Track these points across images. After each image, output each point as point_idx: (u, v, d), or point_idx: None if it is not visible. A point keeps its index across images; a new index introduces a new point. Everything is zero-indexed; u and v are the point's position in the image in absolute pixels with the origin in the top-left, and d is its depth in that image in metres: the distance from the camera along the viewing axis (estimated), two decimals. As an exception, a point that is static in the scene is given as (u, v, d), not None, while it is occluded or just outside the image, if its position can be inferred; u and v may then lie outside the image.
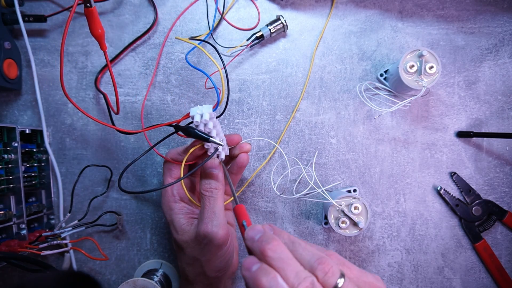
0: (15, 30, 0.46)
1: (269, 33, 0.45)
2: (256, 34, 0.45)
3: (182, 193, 0.40)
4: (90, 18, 0.31)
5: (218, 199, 0.36)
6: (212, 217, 0.36)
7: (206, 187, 0.36)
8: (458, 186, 0.46)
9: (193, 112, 0.34)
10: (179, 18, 0.46)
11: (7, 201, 0.40)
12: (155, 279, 0.43)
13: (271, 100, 0.47)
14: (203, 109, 0.34)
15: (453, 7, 0.46)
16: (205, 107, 0.34)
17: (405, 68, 0.41)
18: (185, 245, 0.38)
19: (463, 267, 0.46)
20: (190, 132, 0.34)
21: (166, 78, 0.47)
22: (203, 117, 0.34)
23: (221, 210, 0.36)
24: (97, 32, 0.31)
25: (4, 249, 0.38)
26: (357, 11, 0.47)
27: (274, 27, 0.45)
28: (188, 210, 0.40)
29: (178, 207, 0.39)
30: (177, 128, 0.35)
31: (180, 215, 0.39)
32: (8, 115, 0.46)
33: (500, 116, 0.46)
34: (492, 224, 0.45)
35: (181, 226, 0.38)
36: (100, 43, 0.33)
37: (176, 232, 0.39)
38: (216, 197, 0.36)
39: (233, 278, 0.47)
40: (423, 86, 0.40)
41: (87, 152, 0.47)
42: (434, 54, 0.40)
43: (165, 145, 0.47)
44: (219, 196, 0.36)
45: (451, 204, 0.46)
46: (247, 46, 0.45)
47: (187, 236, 0.38)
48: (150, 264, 0.46)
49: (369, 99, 0.45)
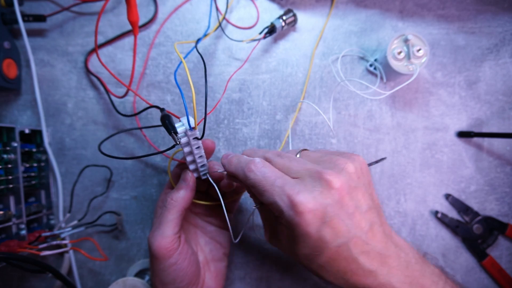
0: (15, 29, 0.46)
1: (281, 25, 0.44)
2: (269, 27, 0.44)
3: None
4: (129, 6, 0.35)
5: (168, 210, 0.35)
6: (155, 227, 0.35)
7: (167, 195, 0.36)
8: (454, 207, 0.46)
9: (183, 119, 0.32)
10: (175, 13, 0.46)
11: (7, 201, 0.40)
12: (146, 279, 0.43)
13: (271, 100, 0.47)
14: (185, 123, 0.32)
15: (454, 7, 0.46)
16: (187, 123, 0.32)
17: (393, 55, 0.41)
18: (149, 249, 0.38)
19: (463, 267, 0.46)
20: (162, 118, 0.32)
21: (166, 78, 0.46)
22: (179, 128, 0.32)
23: (168, 223, 0.35)
24: (133, 18, 0.36)
25: (4, 249, 0.38)
26: (358, 11, 0.47)
27: (286, 20, 0.44)
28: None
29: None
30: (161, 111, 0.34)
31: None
32: (8, 115, 0.46)
33: (501, 116, 0.46)
34: (495, 239, 0.45)
35: None
36: (134, 29, 0.37)
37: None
38: (168, 208, 0.35)
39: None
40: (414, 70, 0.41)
41: (87, 152, 0.47)
42: (420, 36, 0.41)
43: (165, 145, 0.47)
44: (172, 208, 0.35)
45: (451, 226, 0.45)
46: (261, 38, 0.44)
47: None
48: (142, 263, 0.46)
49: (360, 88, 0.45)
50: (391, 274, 0.29)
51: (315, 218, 0.27)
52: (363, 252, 0.29)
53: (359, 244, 0.28)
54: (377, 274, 0.29)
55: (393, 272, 0.29)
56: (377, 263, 0.29)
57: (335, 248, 0.28)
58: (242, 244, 0.47)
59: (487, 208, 0.46)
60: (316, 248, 0.28)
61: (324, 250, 0.28)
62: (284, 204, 0.28)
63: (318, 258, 0.29)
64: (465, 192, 0.46)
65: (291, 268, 0.46)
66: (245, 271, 0.47)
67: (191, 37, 0.47)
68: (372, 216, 0.30)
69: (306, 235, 0.28)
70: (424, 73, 0.46)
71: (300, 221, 0.27)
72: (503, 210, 0.46)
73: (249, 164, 0.31)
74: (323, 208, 0.28)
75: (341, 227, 0.28)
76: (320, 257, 0.29)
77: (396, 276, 0.29)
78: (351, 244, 0.28)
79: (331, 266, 0.29)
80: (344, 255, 0.28)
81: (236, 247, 0.47)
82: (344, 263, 0.29)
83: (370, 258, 0.29)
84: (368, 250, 0.29)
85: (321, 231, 0.28)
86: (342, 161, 0.30)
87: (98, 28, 0.47)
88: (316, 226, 0.28)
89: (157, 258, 0.34)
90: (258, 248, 0.47)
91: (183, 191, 0.36)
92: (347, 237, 0.28)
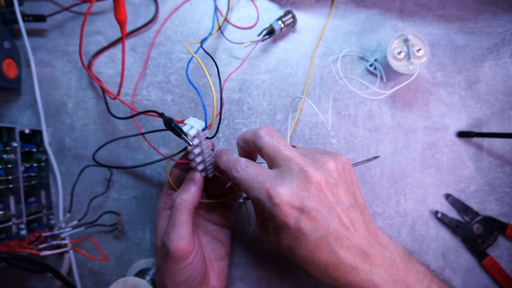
0: (15, 29, 0.46)
1: (280, 27, 0.44)
2: (268, 28, 0.44)
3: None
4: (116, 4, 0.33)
5: (180, 211, 0.35)
6: (170, 229, 0.35)
7: (174, 197, 0.36)
8: (454, 207, 0.46)
9: (188, 121, 0.33)
10: (175, 12, 0.46)
11: (7, 201, 0.40)
12: (147, 278, 0.44)
13: (271, 100, 0.47)
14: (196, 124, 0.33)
15: (454, 7, 0.46)
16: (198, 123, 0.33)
17: (393, 55, 0.41)
18: (156, 251, 0.38)
19: (463, 267, 0.46)
20: (166, 122, 0.33)
21: (166, 78, 0.46)
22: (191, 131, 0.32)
23: (182, 224, 0.35)
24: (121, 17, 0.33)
25: (4, 249, 0.38)
26: (358, 11, 0.47)
27: (285, 21, 0.44)
28: None
29: (164, 214, 0.40)
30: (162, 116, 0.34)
31: (163, 221, 0.39)
32: (8, 115, 0.46)
33: (501, 116, 0.46)
34: (495, 239, 0.45)
35: (159, 231, 0.39)
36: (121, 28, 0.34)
37: (155, 236, 0.39)
38: (179, 209, 0.35)
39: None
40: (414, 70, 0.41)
41: (87, 152, 0.46)
42: (420, 36, 0.41)
43: (165, 145, 0.47)
44: (183, 209, 0.35)
45: (451, 226, 0.45)
46: (259, 41, 0.44)
47: (158, 241, 0.38)
48: (142, 263, 0.46)
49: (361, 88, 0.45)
50: (374, 271, 0.29)
51: (292, 209, 0.29)
52: (343, 247, 0.29)
53: (340, 239, 0.29)
54: (359, 270, 0.29)
55: (376, 269, 0.29)
56: (359, 260, 0.29)
57: (314, 240, 0.29)
58: (242, 244, 0.47)
59: (487, 208, 0.46)
60: (296, 239, 0.29)
61: (303, 242, 0.29)
62: (264, 197, 0.30)
63: (298, 250, 0.30)
64: (465, 192, 0.46)
65: (291, 268, 0.46)
66: (245, 271, 0.47)
67: (191, 37, 0.47)
68: (354, 213, 0.31)
69: (285, 225, 0.29)
70: (424, 73, 0.46)
71: (278, 212, 0.29)
72: (503, 210, 0.46)
73: (235, 165, 0.33)
74: (300, 200, 0.29)
75: (320, 220, 0.29)
76: (301, 250, 0.30)
77: (379, 274, 0.29)
78: (331, 238, 0.29)
79: (312, 259, 0.30)
80: (324, 249, 0.29)
81: (236, 247, 0.47)
82: (325, 256, 0.29)
83: (351, 254, 0.29)
84: (349, 245, 0.29)
85: (300, 223, 0.29)
86: (324, 158, 0.32)
87: (97, 29, 0.47)
88: (294, 217, 0.29)
89: (174, 260, 0.35)
90: (258, 248, 0.47)
91: (193, 191, 0.36)
92: (326, 230, 0.29)
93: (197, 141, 0.33)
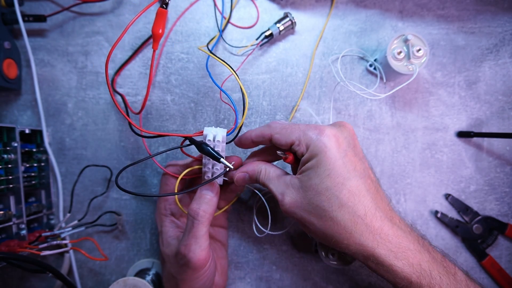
0: (15, 30, 0.46)
1: (278, 31, 0.45)
2: (266, 33, 0.44)
3: (173, 208, 0.41)
4: (158, 18, 0.34)
5: (203, 223, 0.35)
6: (192, 241, 0.34)
7: (195, 208, 0.35)
8: (454, 207, 0.46)
9: (207, 131, 0.35)
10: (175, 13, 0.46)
11: (7, 201, 0.40)
12: (147, 278, 0.44)
13: (271, 100, 0.47)
14: (218, 131, 0.35)
15: (453, 7, 0.46)
16: (220, 130, 0.35)
17: (393, 55, 0.41)
18: (167, 258, 0.38)
19: (463, 267, 0.46)
20: (203, 148, 0.34)
21: (166, 78, 0.46)
22: (216, 138, 0.35)
23: (204, 236, 0.35)
24: (157, 31, 0.34)
25: (4, 249, 0.38)
26: (357, 11, 0.47)
27: (282, 25, 0.45)
28: (177, 225, 0.40)
29: (168, 221, 0.40)
30: (191, 141, 0.35)
31: (168, 228, 0.39)
32: (8, 115, 0.46)
33: (501, 116, 0.46)
34: (495, 239, 0.45)
35: (167, 238, 0.39)
36: (154, 42, 0.35)
37: (162, 244, 0.39)
38: (202, 221, 0.35)
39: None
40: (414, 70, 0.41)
41: (87, 152, 0.47)
42: (420, 36, 0.41)
43: (165, 145, 0.46)
44: (205, 221, 0.35)
45: (450, 226, 0.45)
46: (257, 45, 0.45)
47: (169, 250, 0.38)
48: (142, 263, 0.46)
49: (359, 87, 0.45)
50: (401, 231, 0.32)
51: (337, 143, 0.32)
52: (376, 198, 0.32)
53: (373, 190, 0.32)
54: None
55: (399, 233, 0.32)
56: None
57: (356, 181, 0.31)
58: (242, 244, 0.47)
59: (487, 208, 0.46)
60: (340, 178, 0.31)
61: (347, 181, 0.31)
62: (313, 134, 0.32)
63: (339, 193, 0.31)
64: (465, 192, 0.46)
65: (291, 268, 0.46)
66: (245, 271, 0.47)
67: (191, 37, 0.47)
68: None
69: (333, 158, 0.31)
70: (424, 73, 0.46)
71: (329, 142, 0.31)
72: (502, 210, 0.46)
73: (269, 124, 0.36)
74: (343, 137, 0.32)
75: (357, 163, 0.32)
76: (342, 192, 0.31)
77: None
78: (367, 184, 0.32)
79: (348, 206, 0.30)
80: (363, 193, 0.31)
81: (237, 247, 0.47)
82: (365, 201, 0.31)
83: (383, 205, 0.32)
84: (381, 197, 0.32)
85: (344, 158, 0.31)
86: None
87: (97, 30, 0.47)
88: (341, 151, 0.32)
89: (195, 269, 0.35)
90: (258, 248, 0.47)
91: (214, 202, 0.36)
92: (364, 174, 0.32)
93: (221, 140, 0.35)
